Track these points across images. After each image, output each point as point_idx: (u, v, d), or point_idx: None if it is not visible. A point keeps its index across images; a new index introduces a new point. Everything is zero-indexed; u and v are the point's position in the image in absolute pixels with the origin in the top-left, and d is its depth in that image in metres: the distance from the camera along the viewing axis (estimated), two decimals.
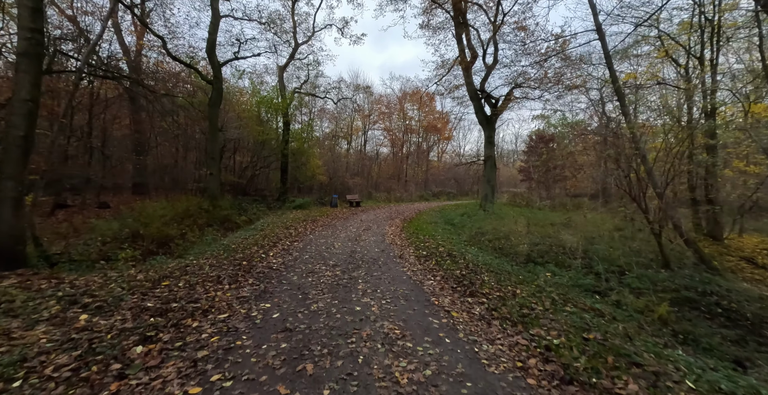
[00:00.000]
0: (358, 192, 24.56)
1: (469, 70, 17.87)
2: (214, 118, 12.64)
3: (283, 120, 19.77)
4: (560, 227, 10.96)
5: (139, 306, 3.76)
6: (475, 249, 8.11)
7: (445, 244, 8.26)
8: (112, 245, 7.71)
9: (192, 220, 10.96)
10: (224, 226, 12.18)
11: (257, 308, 3.86)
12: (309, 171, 21.91)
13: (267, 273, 5.42)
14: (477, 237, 9.81)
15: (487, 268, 5.95)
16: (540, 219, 13.07)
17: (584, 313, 4.06)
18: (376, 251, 7.46)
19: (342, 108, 31.05)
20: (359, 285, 4.79)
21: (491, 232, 9.90)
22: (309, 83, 22.23)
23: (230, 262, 6.07)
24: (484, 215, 13.67)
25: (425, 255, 7.00)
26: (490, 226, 10.84)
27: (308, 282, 4.98)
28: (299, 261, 6.38)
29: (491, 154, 17.95)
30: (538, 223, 11.73)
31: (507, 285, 4.99)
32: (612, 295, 5.03)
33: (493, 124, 18.31)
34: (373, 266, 6.05)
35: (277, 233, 9.54)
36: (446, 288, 4.77)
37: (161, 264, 6.07)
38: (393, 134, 33.84)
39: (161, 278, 4.95)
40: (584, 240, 8.26)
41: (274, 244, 7.96)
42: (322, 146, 29.38)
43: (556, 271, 6.27)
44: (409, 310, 3.86)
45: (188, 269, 5.53)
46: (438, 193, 31.98)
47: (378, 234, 9.87)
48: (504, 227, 9.94)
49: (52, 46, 7.33)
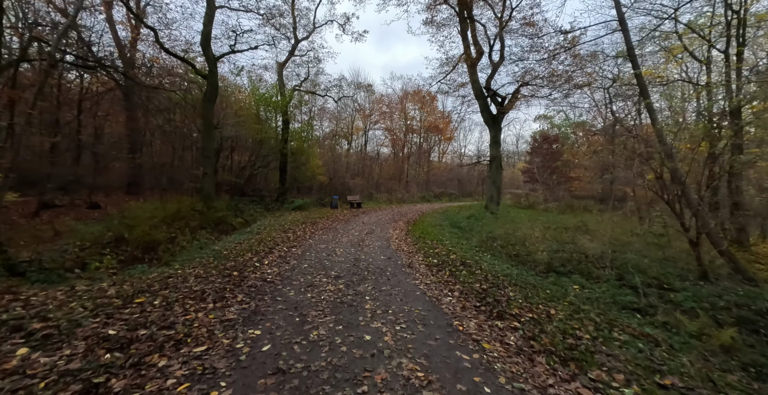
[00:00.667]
0: (358, 193, 23.84)
1: (475, 67, 17.18)
2: (209, 115, 11.91)
3: (283, 118, 19.04)
4: (574, 231, 10.26)
5: (98, 334, 3.03)
6: (489, 257, 7.40)
7: (456, 251, 7.54)
8: (91, 251, 6.98)
9: (183, 223, 10.22)
10: (218, 229, 11.45)
11: (244, 337, 3.13)
12: (309, 171, 21.19)
13: (260, 287, 4.69)
14: (488, 243, 9.10)
15: (508, 281, 5.23)
16: (551, 222, 12.37)
17: (638, 342, 3.36)
18: (382, 259, 6.73)
19: (343, 107, 30.35)
20: (367, 304, 4.07)
21: (503, 237, 9.20)
22: (309, 81, 21.53)
23: (219, 272, 5.35)
24: (492, 218, 12.96)
25: (437, 264, 6.28)
26: (500, 230, 10.13)
27: (307, 298, 4.26)
28: (297, 271, 5.66)
29: (497, 154, 17.27)
30: (550, 227, 11.03)
31: (537, 302, 4.27)
32: (658, 315, 4.32)
33: (499, 123, 17.62)
34: (380, 278, 5.33)
35: (274, 237, 8.81)
36: (468, 308, 4.05)
37: (141, 274, 5.34)
38: (394, 134, 33.14)
39: (136, 293, 4.22)
40: (606, 246, 7.55)
41: (270, 250, 7.23)
42: (323, 146, 28.66)
43: (584, 283, 5.57)
44: (431, 340, 3.13)
45: (170, 281, 4.80)
46: (439, 194, 31.27)
47: (382, 239, 9.15)
48: (518, 231, 9.23)
49: (27, 32, 6.60)
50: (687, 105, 11.09)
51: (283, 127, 19.23)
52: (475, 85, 17.41)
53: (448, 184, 36.62)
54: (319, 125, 29.01)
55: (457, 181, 36.43)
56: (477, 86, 17.36)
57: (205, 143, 12.11)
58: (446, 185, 36.16)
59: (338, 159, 27.11)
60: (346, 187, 24.46)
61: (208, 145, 12.07)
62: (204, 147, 12.19)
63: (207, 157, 12.06)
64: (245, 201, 17.39)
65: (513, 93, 17.02)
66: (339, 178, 24.84)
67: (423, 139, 34.73)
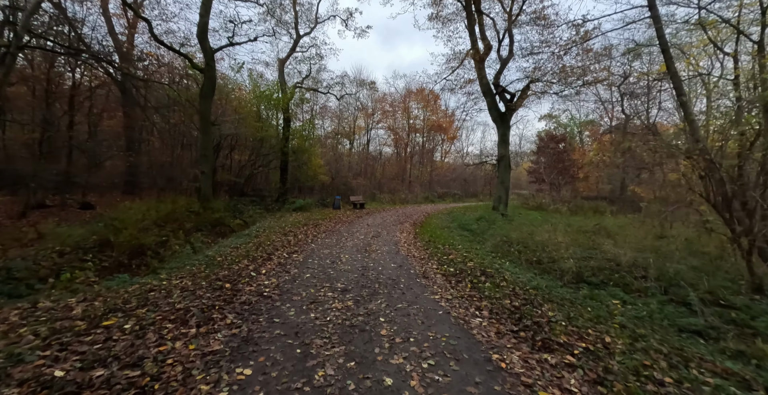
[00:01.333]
0: (361, 193, 23.13)
1: (483, 63, 16.44)
2: (206, 111, 11.20)
3: (284, 116, 18.34)
4: (593, 235, 9.53)
5: (40, 376, 2.32)
6: (508, 264, 6.68)
7: (472, 257, 6.82)
8: (71, 257, 6.28)
9: (177, 225, 9.52)
10: (215, 231, 10.75)
11: (230, 380, 2.42)
12: (310, 170, 20.49)
13: (255, 304, 3.98)
14: (503, 247, 8.37)
15: (541, 295, 4.52)
16: (565, 224, 11.63)
17: (728, 384, 2.64)
18: (393, 266, 6.02)
19: (345, 106, 29.64)
20: (382, 329, 3.35)
21: (520, 241, 8.47)
22: (311, 78, 20.82)
23: (209, 284, 4.64)
24: (503, 220, 12.25)
25: (455, 274, 5.57)
26: (515, 233, 9.41)
27: (310, 319, 3.55)
28: (299, 282, 4.94)
29: (505, 153, 16.53)
30: (565, 230, 10.31)
31: (583, 325, 3.55)
32: (728, 341, 3.60)
33: (508, 121, 16.89)
34: (393, 291, 4.62)
35: (273, 241, 8.10)
36: (505, 334, 3.34)
37: (121, 285, 4.63)
38: (397, 133, 32.41)
39: (107, 313, 3.51)
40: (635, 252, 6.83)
41: (269, 257, 6.52)
42: (324, 145, 27.97)
43: (624, 298, 4.84)
44: (470, 386, 2.41)
45: (151, 296, 4.09)
46: (443, 194, 30.53)
47: (390, 243, 8.44)
48: (536, 235, 8.50)
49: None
50: (718, 101, 10.35)
51: (284, 125, 18.54)
52: (482, 81, 16.69)
53: (451, 184, 35.87)
54: (321, 124, 28.34)
55: (461, 182, 35.68)
56: (485, 82, 16.63)
57: (202, 140, 11.41)
58: (449, 185, 35.40)
59: (340, 158, 26.41)
60: (348, 187, 23.75)
61: (206, 143, 11.37)
62: (201, 144, 11.50)
63: (204, 155, 11.36)
64: (245, 202, 16.70)
65: (522, 89, 16.29)
66: (341, 178, 24.14)
67: (426, 139, 34.01)
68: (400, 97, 33.18)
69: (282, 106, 17.73)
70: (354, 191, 23.36)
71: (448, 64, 18.99)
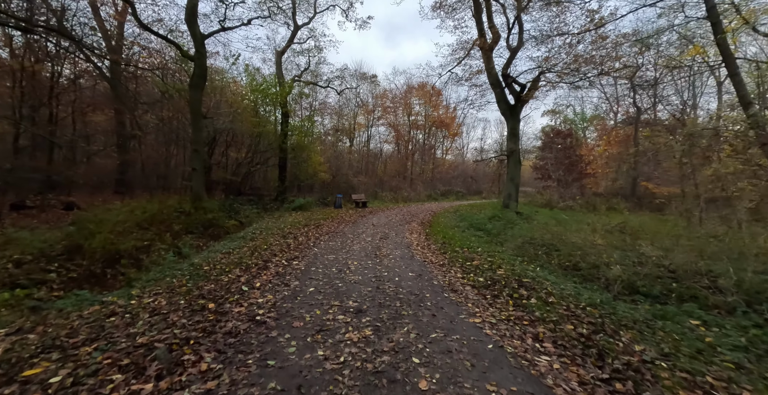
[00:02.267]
0: (363, 191, 22.14)
1: (491, 53, 15.45)
2: (196, 102, 10.17)
3: (282, 111, 17.29)
4: (621, 234, 8.57)
5: None
6: (540, 270, 5.72)
7: (498, 262, 5.85)
8: (31, 267, 5.26)
9: (165, 227, 8.51)
10: (208, 233, 9.73)
11: None
12: (310, 168, 19.45)
13: (243, 335, 2.99)
14: (528, 250, 7.39)
15: (607, 317, 3.54)
16: (586, 223, 10.66)
17: None
18: (411, 276, 5.03)
19: (345, 102, 28.60)
20: (419, 378, 2.36)
21: (546, 243, 7.49)
22: (310, 71, 19.77)
23: (189, 304, 3.65)
24: (519, 219, 11.28)
25: (486, 285, 4.59)
26: (537, 234, 8.44)
27: (317, 362, 2.56)
28: (300, 299, 3.95)
29: (515, 148, 15.56)
30: (592, 230, 9.35)
31: (691, 367, 2.58)
32: None
33: (518, 114, 15.90)
34: (420, 311, 3.63)
35: (271, 245, 7.10)
36: (592, 384, 2.35)
37: (76, 307, 3.63)
38: (398, 130, 31.37)
39: (38, 353, 2.53)
40: (684, 255, 5.87)
41: (265, 264, 5.52)
42: (324, 142, 26.94)
43: (705, 317, 3.87)
44: None
45: (108, 324, 3.10)
46: (446, 192, 29.56)
47: (401, 246, 7.46)
48: (564, 235, 7.52)
49: None
50: None
51: (282, 120, 17.49)
52: (490, 72, 15.70)
53: (453, 181, 34.89)
54: (320, 121, 27.24)
55: (462, 179, 34.72)
56: (493, 74, 15.65)
57: (194, 135, 10.38)
58: (451, 183, 34.42)
59: (341, 156, 25.38)
60: (349, 185, 22.74)
61: (197, 137, 10.34)
62: (192, 139, 10.48)
63: (195, 150, 10.33)
64: (242, 201, 15.68)
65: (533, 80, 15.28)
66: (342, 176, 23.11)
67: (428, 135, 32.98)
68: (401, 93, 32.13)
69: (280, 101, 16.67)
70: (355, 189, 22.37)
71: (454, 55, 17.93)
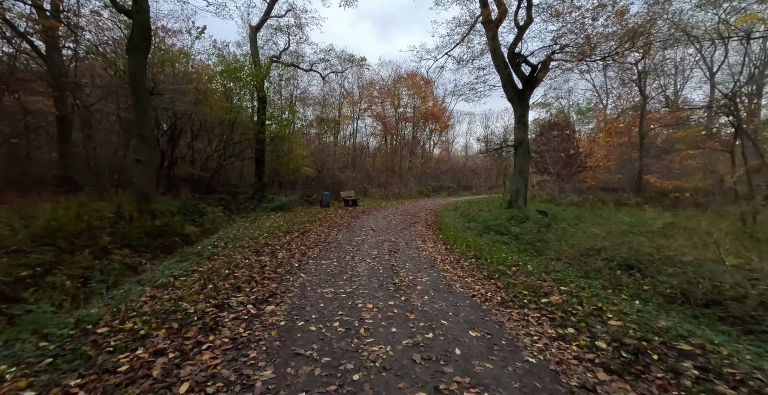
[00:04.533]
0: (351, 187, 19.76)
1: (496, 28, 13.36)
2: (137, 72, 7.48)
3: (258, 95, 14.59)
4: (677, 238, 6.68)
5: None
6: (640, 303, 3.67)
7: (584, 296, 3.74)
8: None
9: (86, 240, 5.91)
10: (156, 245, 7.17)
11: None
12: (292, 162, 16.87)
13: None
14: (592, 266, 5.32)
15: None
16: (619, 222, 8.79)
17: None
18: (477, 343, 2.81)
19: (329, 92, 25.94)
20: None
21: (616, 255, 5.43)
22: (290, 52, 17.06)
23: None
24: (544, 219, 9.29)
25: (624, 362, 2.44)
26: (592, 241, 6.42)
27: None
28: None
29: (524, 137, 13.58)
30: (626, 232, 7.48)
31: None
32: None
33: (527, 99, 13.87)
34: None
35: (236, 268, 4.69)
36: None
37: None
38: (385, 123, 28.99)
39: None
40: None
41: (217, 316, 3.14)
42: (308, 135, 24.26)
43: None
44: None
45: None
46: (437, 187, 27.56)
47: (422, 263, 5.24)
48: (641, 244, 5.50)
49: None
50: None
51: (258, 106, 14.81)
52: (496, 52, 13.61)
53: (443, 177, 32.95)
54: (303, 111, 24.47)
55: (453, 174, 32.84)
56: (499, 54, 13.56)
57: (136, 115, 7.71)
58: (440, 178, 32.47)
59: (326, 149, 22.82)
60: (336, 181, 20.29)
61: (141, 118, 7.66)
62: (134, 121, 7.82)
63: (140, 136, 7.66)
64: (211, 200, 12.98)
65: (543, 62, 13.30)
66: (328, 171, 20.61)
67: (418, 128, 30.78)
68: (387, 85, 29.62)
69: (255, 83, 13.99)
70: (343, 186, 19.96)
71: (452, 36, 15.74)
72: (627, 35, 11.13)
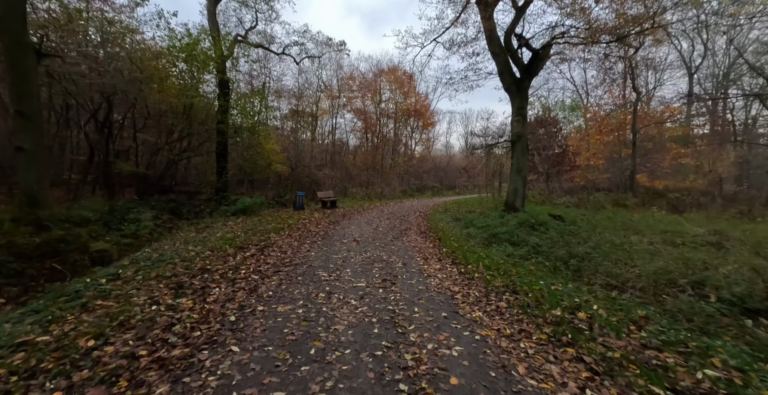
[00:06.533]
0: (330, 187, 17.56)
1: (492, 8, 11.62)
2: (9, 18, 5.05)
3: (218, 77, 12.13)
4: (724, 251, 5.11)
5: None
6: None
7: None
8: None
9: None
10: (42, 271, 4.79)
11: None
12: (262, 158, 14.46)
13: None
14: (677, 298, 3.55)
15: None
16: (650, 229, 7.23)
17: None
18: None
19: (305, 84, 23.50)
20: None
21: (684, 278, 3.70)
22: (259, 32, 14.61)
23: None
24: (562, 225, 7.59)
25: None
26: (661, 262, 4.70)
27: None
28: None
29: (522, 132, 11.93)
30: (676, 243, 5.89)
31: None
32: None
33: (526, 89, 12.21)
34: None
35: (119, 329, 2.48)
36: None
37: None
38: (366, 119, 26.86)
39: None
40: None
41: None
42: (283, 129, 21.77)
43: None
44: None
45: None
46: (421, 187, 25.79)
47: (434, 302, 3.26)
48: (702, 261, 3.80)
49: None
50: None
51: (219, 90, 12.33)
52: (491, 35, 11.90)
53: (425, 176, 31.27)
54: (277, 104, 21.89)
55: (435, 173, 31.22)
56: (495, 38, 11.86)
57: (13, 83, 5.25)
58: (423, 177, 30.76)
59: (302, 144, 20.44)
60: (313, 179, 17.98)
61: (21, 88, 5.22)
62: (11, 93, 5.37)
63: (20, 113, 5.22)
64: (159, 203, 10.42)
65: (543, 47, 11.69)
66: (303, 169, 18.23)
67: (400, 125, 28.84)
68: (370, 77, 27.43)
69: (214, 63, 11.54)
70: (320, 185, 17.71)
71: (440, 20, 13.88)
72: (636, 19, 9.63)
